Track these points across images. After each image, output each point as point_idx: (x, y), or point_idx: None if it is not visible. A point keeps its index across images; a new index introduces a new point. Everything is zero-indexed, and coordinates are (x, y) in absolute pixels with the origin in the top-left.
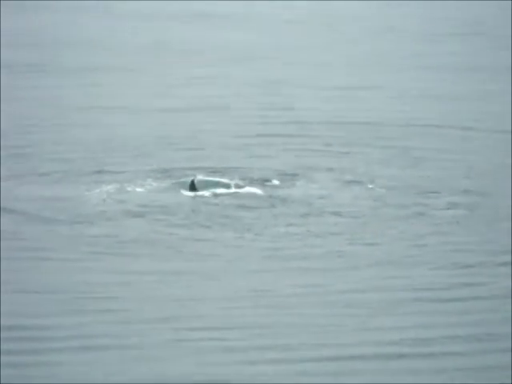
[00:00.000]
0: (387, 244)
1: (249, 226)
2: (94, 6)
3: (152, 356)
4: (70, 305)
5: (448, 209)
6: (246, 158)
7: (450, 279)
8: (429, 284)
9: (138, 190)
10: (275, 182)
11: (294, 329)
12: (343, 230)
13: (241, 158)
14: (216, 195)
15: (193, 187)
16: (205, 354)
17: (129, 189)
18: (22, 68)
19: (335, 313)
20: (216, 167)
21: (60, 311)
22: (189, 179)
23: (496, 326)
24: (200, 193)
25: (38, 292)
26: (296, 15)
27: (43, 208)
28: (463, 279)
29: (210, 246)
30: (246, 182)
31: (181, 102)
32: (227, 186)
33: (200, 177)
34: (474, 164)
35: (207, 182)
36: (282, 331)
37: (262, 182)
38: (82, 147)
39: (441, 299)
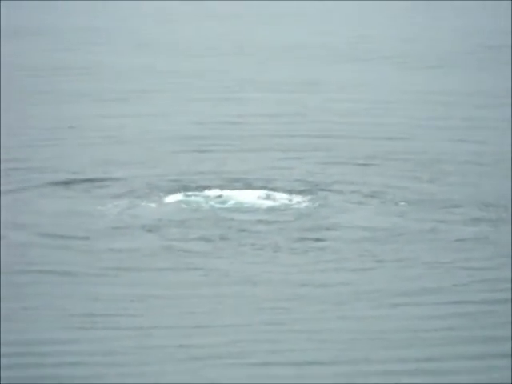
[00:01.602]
0: (405, 266)
1: (266, 242)
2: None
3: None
4: (81, 322)
5: (470, 224)
6: (265, 170)
7: (472, 307)
8: (444, 313)
9: (152, 203)
10: (294, 195)
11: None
12: (361, 248)
13: (260, 171)
14: (233, 209)
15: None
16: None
17: (142, 202)
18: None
19: (349, 346)
20: (234, 179)
21: (71, 327)
22: (203, 191)
23: None
24: (216, 206)
25: (53, 308)
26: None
27: (57, 223)
28: (488, 306)
29: (224, 264)
30: (265, 194)
31: (194, 115)
32: (245, 199)
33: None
34: (497, 177)
35: (223, 194)
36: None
37: (281, 195)
38: (89, 158)
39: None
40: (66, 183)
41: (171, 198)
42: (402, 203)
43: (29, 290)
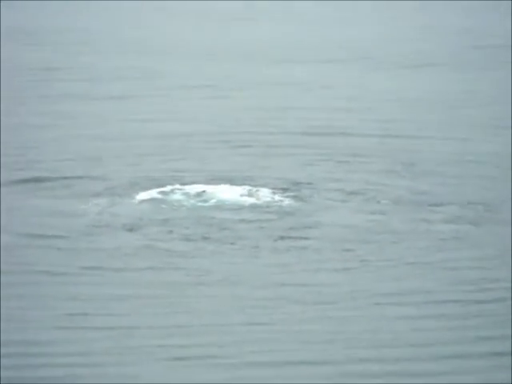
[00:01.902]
0: (388, 266)
1: (248, 241)
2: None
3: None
4: (65, 321)
5: (452, 223)
6: (248, 168)
7: (455, 307)
8: (427, 312)
9: (132, 201)
10: (277, 193)
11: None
12: (344, 247)
13: (242, 169)
14: (214, 207)
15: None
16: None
17: (123, 201)
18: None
19: (330, 347)
20: (216, 177)
21: (56, 327)
22: (184, 189)
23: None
24: (198, 204)
25: (34, 308)
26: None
27: (36, 222)
28: (472, 305)
29: (205, 264)
30: (247, 192)
31: (182, 112)
32: (227, 197)
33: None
34: (479, 176)
35: (205, 192)
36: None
37: (264, 193)
38: (71, 156)
39: (439, 328)
40: (45, 181)
41: (152, 196)
42: (385, 201)
43: (9, 291)
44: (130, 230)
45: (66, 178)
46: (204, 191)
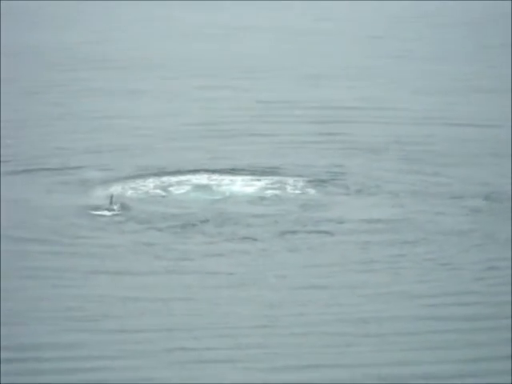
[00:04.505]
0: (408, 267)
1: (264, 234)
2: None
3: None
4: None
5: (469, 215)
6: (268, 159)
7: (474, 308)
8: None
9: (142, 194)
10: (297, 185)
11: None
12: (361, 241)
13: (260, 161)
14: (227, 199)
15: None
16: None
17: (132, 196)
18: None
19: (350, 338)
20: (247, 169)
21: (59, 330)
22: (200, 182)
23: None
24: (213, 198)
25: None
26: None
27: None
28: (489, 308)
29: (226, 262)
30: (265, 185)
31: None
32: (242, 189)
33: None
34: (497, 167)
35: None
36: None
37: (290, 185)
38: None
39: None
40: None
41: (162, 189)
42: (403, 194)
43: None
44: (139, 225)
45: (74, 168)
46: (217, 184)
